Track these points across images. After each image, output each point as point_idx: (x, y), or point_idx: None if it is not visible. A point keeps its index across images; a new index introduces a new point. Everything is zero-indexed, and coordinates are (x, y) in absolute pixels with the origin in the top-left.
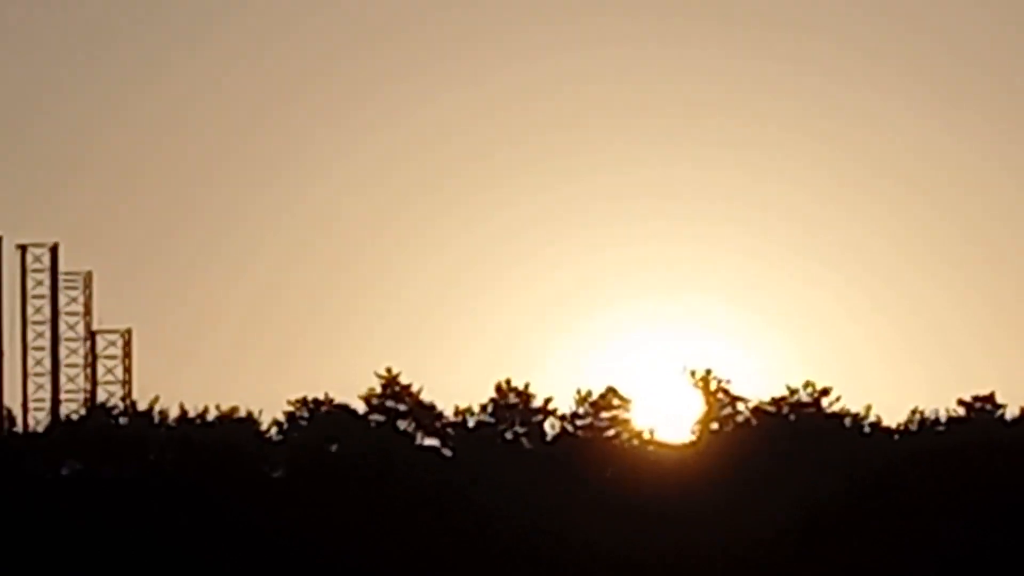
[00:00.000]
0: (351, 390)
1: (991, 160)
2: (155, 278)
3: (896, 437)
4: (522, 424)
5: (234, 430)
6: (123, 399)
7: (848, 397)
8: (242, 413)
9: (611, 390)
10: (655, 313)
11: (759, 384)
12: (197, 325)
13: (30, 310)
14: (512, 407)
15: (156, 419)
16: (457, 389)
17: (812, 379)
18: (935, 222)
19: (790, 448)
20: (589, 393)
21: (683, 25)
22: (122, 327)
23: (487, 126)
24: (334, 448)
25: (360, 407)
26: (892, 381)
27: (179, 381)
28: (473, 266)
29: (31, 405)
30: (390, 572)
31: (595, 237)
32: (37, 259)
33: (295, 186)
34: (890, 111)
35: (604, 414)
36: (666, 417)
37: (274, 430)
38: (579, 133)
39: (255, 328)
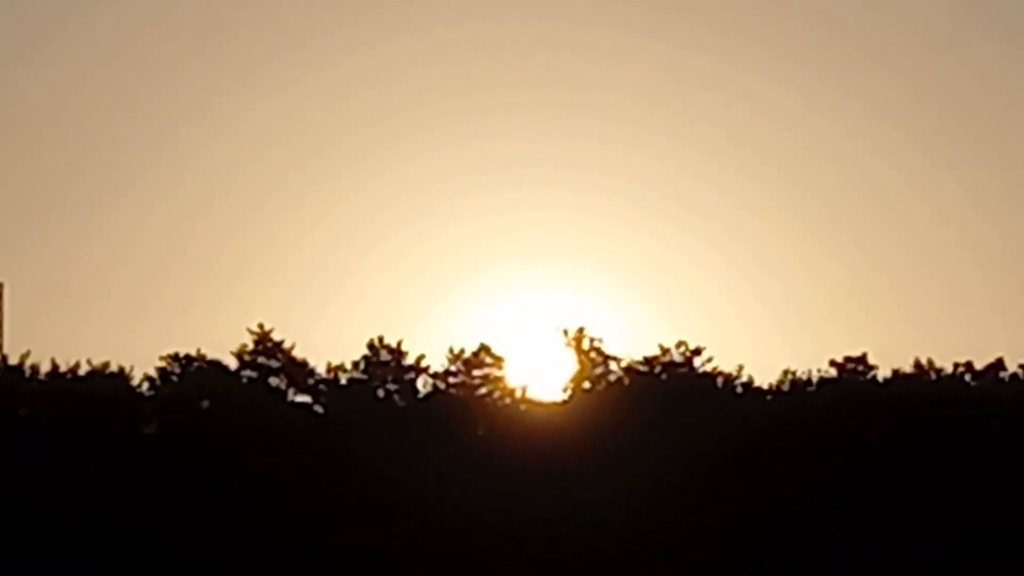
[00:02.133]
0: (223, 346)
1: (854, 119)
2: (27, 232)
3: (768, 397)
4: (394, 382)
5: (106, 385)
6: None
7: (720, 358)
8: (114, 368)
9: (484, 348)
10: (529, 277)
11: (632, 345)
12: (70, 279)
13: None
14: (385, 364)
15: (27, 373)
16: (330, 346)
17: (685, 339)
18: (805, 180)
19: (662, 407)
20: (462, 351)
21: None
22: None
23: (377, 88)
24: (206, 404)
25: (232, 363)
26: (764, 342)
27: (51, 336)
28: (350, 226)
29: None
30: (259, 528)
31: (469, 203)
32: None
33: (171, 140)
34: (744, 77)
35: (476, 372)
36: (539, 376)
37: (146, 385)
38: (464, 101)
39: (127, 282)
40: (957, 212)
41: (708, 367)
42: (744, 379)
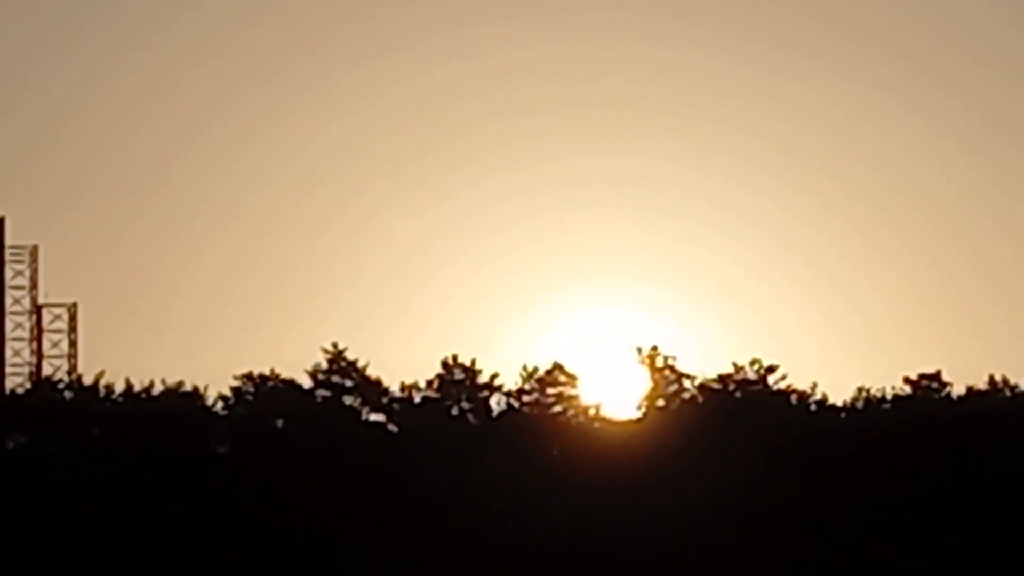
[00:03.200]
0: (297, 365)
1: (927, 142)
2: (101, 252)
3: (842, 415)
4: (468, 400)
5: (179, 404)
6: (68, 373)
7: (794, 375)
8: (187, 388)
9: (557, 366)
10: (602, 295)
11: (705, 363)
12: (143, 299)
13: None
14: (458, 383)
15: (101, 393)
16: (404, 365)
17: (759, 357)
18: (884, 201)
19: (736, 425)
20: (535, 369)
21: (645, 18)
22: (68, 301)
23: (447, 110)
24: (280, 423)
25: (306, 382)
26: (838, 359)
27: (125, 355)
28: (424, 246)
29: None
30: (336, 548)
31: (544, 222)
32: None
33: (246, 163)
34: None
35: (550, 390)
36: (613, 394)
37: (220, 405)
38: (537, 120)
39: (201, 302)
40: None
41: (782, 384)
42: (818, 396)
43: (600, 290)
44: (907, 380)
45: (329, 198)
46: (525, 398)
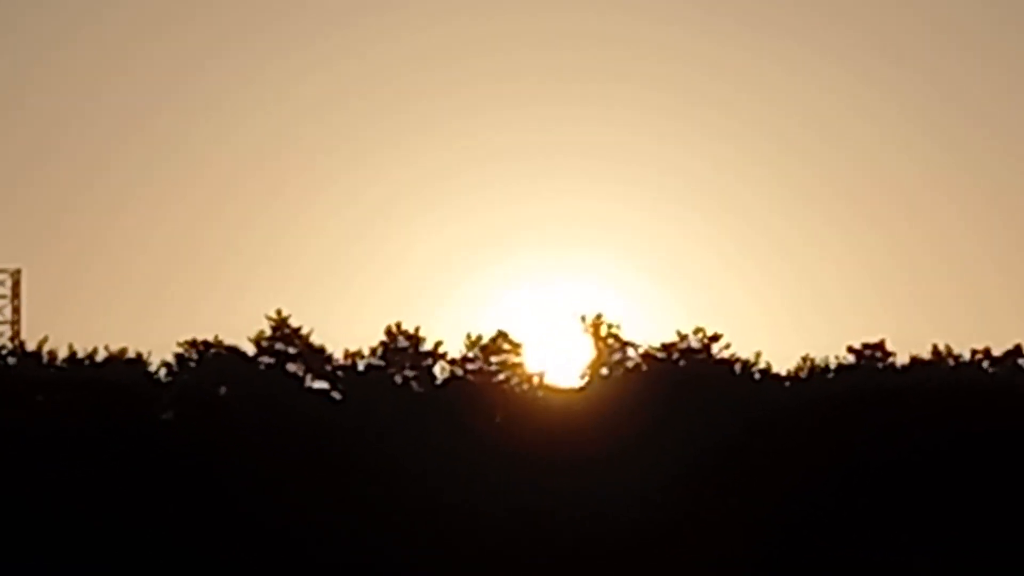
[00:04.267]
0: (241, 332)
1: (870, 108)
2: (45, 218)
3: (787, 384)
4: (412, 368)
5: (123, 371)
6: (12, 339)
7: (738, 344)
8: (131, 354)
9: (501, 334)
10: (547, 264)
11: (650, 332)
12: (87, 265)
13: None
14: (402, 351)
15: (44, 359)
16: (348, 333)
17: (702, 326)
18: (829, 167)
19: (680, 393)
20: (479, 338)
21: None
22: (11, 267)
23: (395, 81)
24: (223, 391)
25: (250, 349)
26: (782, 328)
27: (68, 322)
28: (368, 212)
29: None
30: (278, 515)
31: (487, 191)
32: None
33: (189, 123)
34: (760, 67)
35: (494, 358)
36: (556, 363)
37: (163, 372)
38: (483, 92)
39: (145, 268)
40: (974, 198)
41: (726, 353)
42: (762, 365)
43: (545, 259)
44: (851, 349)
45: (276, 166)
46: (469, 366)
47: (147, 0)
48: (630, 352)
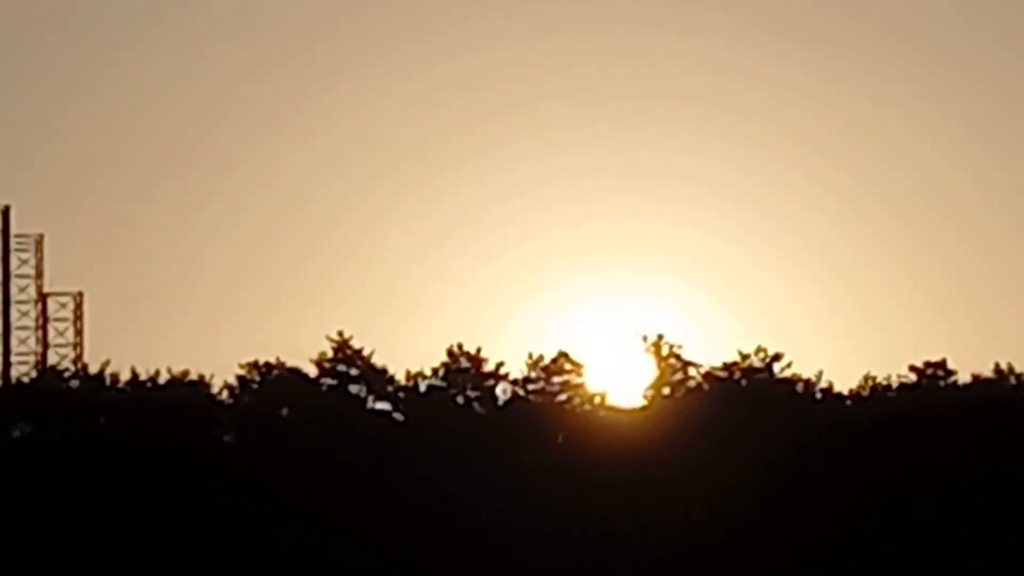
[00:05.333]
0: (303, 354)
1: (950, 130)
2: (107, 241)
3: (848, 403)
4: (474, 389)
5: (185, 393)
6: (74, 362)
7: (800, 363)
8: (193, 376)
9: (563, 355)
10: (609, 286)
11: (711, 351)
12: (148, 288)
13: None
14: (464, 371)
15: (107, 382)
16: (409, 354)
17: (764, 345)
18: (891, 189)
19: (742, 413)
20: (541, 357)
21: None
22: (73, 290)
23: (454, 104)
24: (285, 412)
25: (311, 371)
26: (844, 347)
27: (130, 344)
28: (431, 237)
29: None
30: (341, 538)
31: (551, 213)
32: None
33: (254, 153)
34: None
35: (556, 379)
36: (618, 382)
37: (225, 393)
38: (542, 113)
39: (207, 291)
40: None
41: (787, 373)
42: (824, 384)
43: (606, 279)
44: (912, 368)
45: (338, 189)
46: (531, 386)
47: (203, 23)
48: (692, 372)
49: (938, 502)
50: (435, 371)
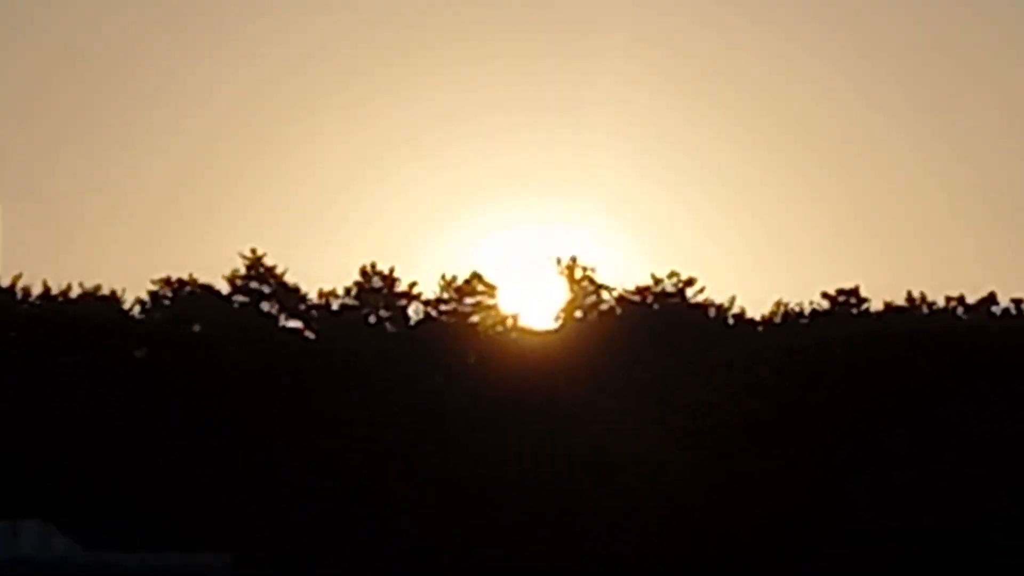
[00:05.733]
0: (216, 271)
1: (858, 53)
2: (21, 154)
3: (760, 329)
4: (386, 308)
5: (97, 308)
6: None
7: (713, 289)
8: (105, 291)
9: (476, 276)
10: (525, 212)
11: (624, 276)
12: (63, 202)
13: None
14: (377, 291)
15: (18, 296)
16: (322, 273)
17: (677, 270)
18: (802, 115)
19: (653, 337)
20: (454, 279)
21: None
22: None
23: (380, 26)
24: (197, 328)
25: (224, 288)
26: (757, 274)
27: (43, 258)
28: (346, 155)
29: None
30: (248, 451)
31: (466, 137)
32: None
33: (173, 62)
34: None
35: (468, 299)
36: (531, 304)
37: (137, 309)
38: (465, 41)
39: (121, 206)
40: (951, 148)
41: (700, 298)
42: (736, 311)
43: (521, 204)
44: (825, 295)
45: (256, 103)
46: (443, 307)
47: None
48: (604, 295)
49: (847, 429)
50: (348, 290)
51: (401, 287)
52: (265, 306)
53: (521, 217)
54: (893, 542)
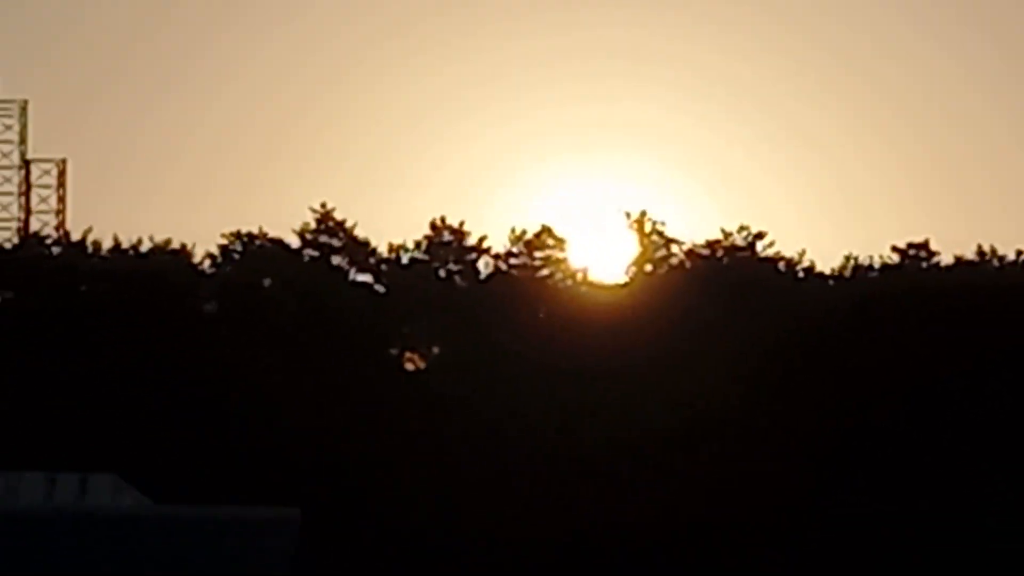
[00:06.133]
0: (286, 225)
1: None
2: (91, 108)
3: (830, 283)
4: (456, 262)
5: (167, 262)
6: (56, 229)
7: (782, 243)
8: (175, 245)
9: (545, 229)
10: (594, 164)
11: (695, 230)
12: (132, 156)
13: None
14: (446, 244)
15: (89, 250)
16: (392, 227)
17: (747, 224)
18: (873, 69)
19: (723, 291)
20: (524, 232)
21: None
22: (57, 157)
23: None
24: (267, 282)
25: (294, 242)
26: (826, 228)
27: (113, 212)
28: (415, 108)
29: None
30: (320, 408)
31: (534, 91)
32: None
33: (242, 18)
34: None
35: (538, 253)
36: (601, 259)
37: (207, 263)
38: None
39: (192, 160)
40: (1020, 102)
41: (770, 252)
42: (806, 264)
43: (591, 158)
44: (895, 249)
45: (325, 59)
46: (512, 260)
47: None
48: (674, 249)
49: (919, 385)
50: (417, 244)
51: (470, 240)
52: (335, 260)
53: (588, 168)
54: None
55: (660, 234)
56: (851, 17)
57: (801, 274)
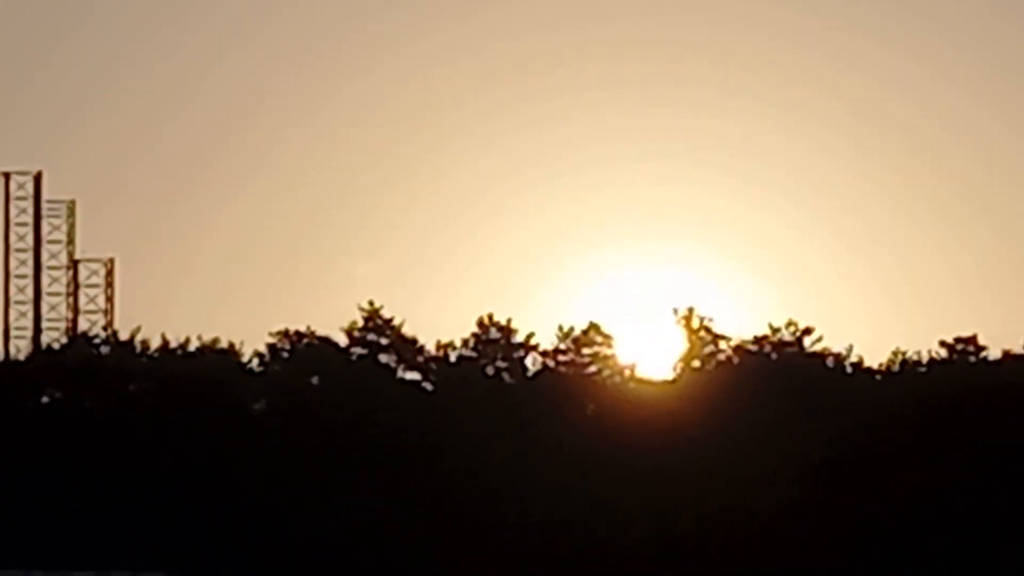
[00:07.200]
0: (333, 323)
1: (977, 104)
2: (139, 207)
3: (878, 378)
4: (504, 359)
5: (215, 361)
6: (105, 328)
7: (830, 338)
8: (224, 344)
9: (593, 326)
10: (640, 256)
11: (742, 325)
12: (180, 255)
13: (12, 238)
14: (494, 342)
15: (137, 349)
16: (439, 325)
17: (795, 319)
18: (921, 163)
19: (771, 387)
20: (571, 329)
21: None
22: (105, 256)
23: (481, 64)
24: (315, 381)
25: (342, 340)
26: (874, 322)
27: (161, 311)
28: (461, 204)
29: (12, 333)
30: (369, 508)
31: (582, 181)
32: (20, 187)
33: (284, 117)
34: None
35: (586, 350)
36: (648, 355)
37: (255, 362)
38: (573, 74)
39: (238, 259)
40: None
41: (818, 347)
42: (854, 359)
43: (637, 251)
44: (943, 343)
45: (367, 154)
46: (561, 357)
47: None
48: (722, 345)
49: (969, 479)
50: (465, 341)
51: (518, 337)
52: (383, 358)
53: (634, 259)
54: None
55: (707, 330)
56: (901, 110)
57: (849, 369)
